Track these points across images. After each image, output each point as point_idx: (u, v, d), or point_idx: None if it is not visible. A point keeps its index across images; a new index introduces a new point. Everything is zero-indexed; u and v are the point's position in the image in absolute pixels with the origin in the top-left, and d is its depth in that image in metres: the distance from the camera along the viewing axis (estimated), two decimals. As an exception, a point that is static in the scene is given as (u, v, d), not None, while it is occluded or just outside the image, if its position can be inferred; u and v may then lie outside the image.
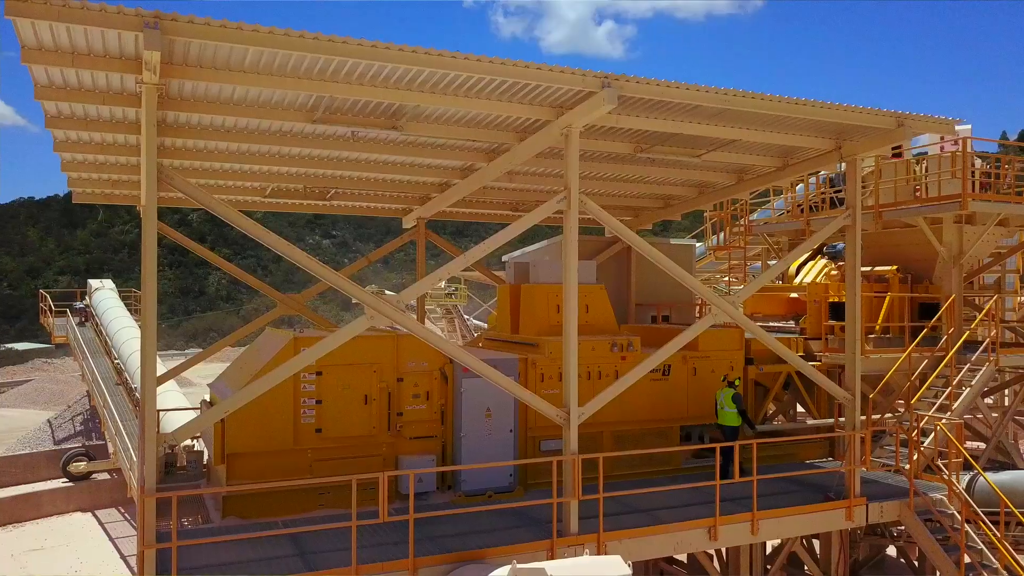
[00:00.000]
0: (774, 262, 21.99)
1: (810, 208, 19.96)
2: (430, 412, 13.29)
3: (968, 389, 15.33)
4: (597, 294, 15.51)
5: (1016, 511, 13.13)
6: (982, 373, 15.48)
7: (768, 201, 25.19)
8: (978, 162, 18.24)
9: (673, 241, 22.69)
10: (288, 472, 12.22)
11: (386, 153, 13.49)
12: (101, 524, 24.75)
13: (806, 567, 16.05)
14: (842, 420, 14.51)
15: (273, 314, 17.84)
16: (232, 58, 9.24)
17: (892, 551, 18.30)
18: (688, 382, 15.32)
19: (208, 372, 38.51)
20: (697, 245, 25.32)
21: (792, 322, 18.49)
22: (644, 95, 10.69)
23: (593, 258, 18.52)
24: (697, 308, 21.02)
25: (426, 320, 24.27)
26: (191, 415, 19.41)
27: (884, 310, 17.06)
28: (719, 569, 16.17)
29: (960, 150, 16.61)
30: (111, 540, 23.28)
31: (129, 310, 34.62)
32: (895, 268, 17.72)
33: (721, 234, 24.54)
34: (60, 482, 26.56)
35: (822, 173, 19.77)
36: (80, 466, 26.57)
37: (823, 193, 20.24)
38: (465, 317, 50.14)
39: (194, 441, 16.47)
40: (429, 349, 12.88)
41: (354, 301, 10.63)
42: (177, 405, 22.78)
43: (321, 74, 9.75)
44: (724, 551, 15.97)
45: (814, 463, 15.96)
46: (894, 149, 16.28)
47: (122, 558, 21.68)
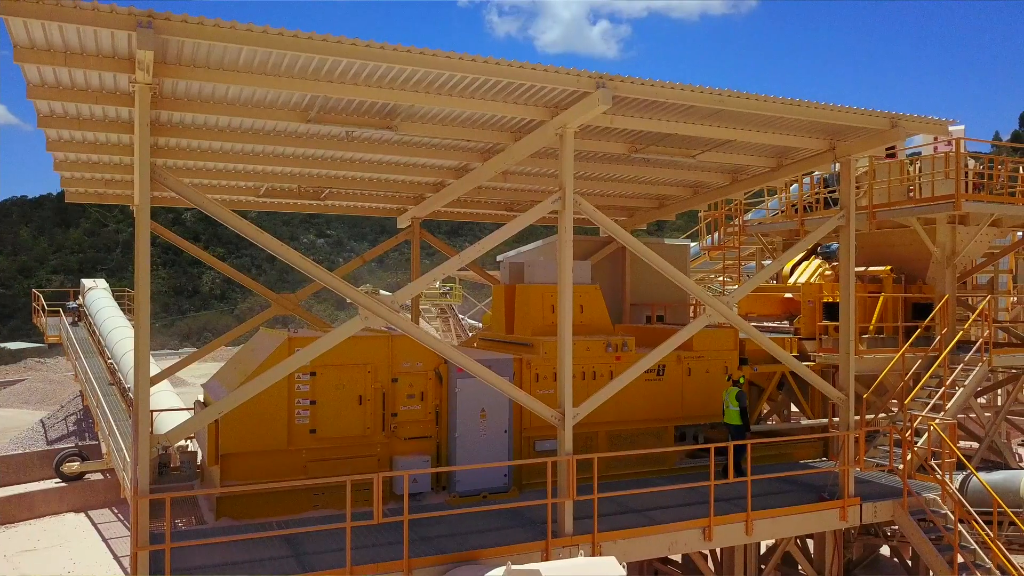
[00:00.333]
0: (768, 262, 22.02)
1: (804, 208, 19.98)
2: (425, 412, 13.27)
3: (961, 389, 15.37)
4: (592, 294, 15.50)
5: (1009, 511, 13.17)
6: (975, 373, 15.52)
7: (762, 201, 25.20)
8: (971, 163, 18.29)
9: (667, 241, 22.71)
10: (282, 473, 12.19)
11: (380, 153, 13.47)
12: (94, 525, 24.64)
13: (800, 567, 16.07)
14: (836, 420, 14.55)
15: (267, 314, 17.79)
16: (226, 58, 9.21)
17: (886, 551, 18.34)
18: (683, 382, 15.33)
19: (202, 372, 38.53)
20: (691, 245, 25.36)
21: (786, 322, 18.52)
22: (639, 95, 10.68)
23: (588, 258, 18.53)
24: (691, 308, 21.04)
25: (421, 320, 24.27)
26: (185, 415, 19.33)
27: (878, 310, 17.10)
28: (713, 569, 16.21)
29: (953, 151, 16.66)
30: (104, 541, 23.17)
31: (122, 309, 34.47)
32: (889, 268, 17.75)
33: (715, 234, 24.54)
34: (53, 482, 26.43)
35: (816, 173, 19.80)
36: (73, 466, 26.44)
37: (817, 193, 20.27)
38: (460, 317, 50.11)
39: (188, 441, 16.40)
40: (424, 349, 12.86)
41: (348, 301, 10.60)
42: (171, 405, 22.67)
43: (315, 74, 9.73)
44: (718, 551, 16.02)
45: (808, 463, 15.99)
46: (888, 150, 16.32)
47: (115, 559, 21.58)
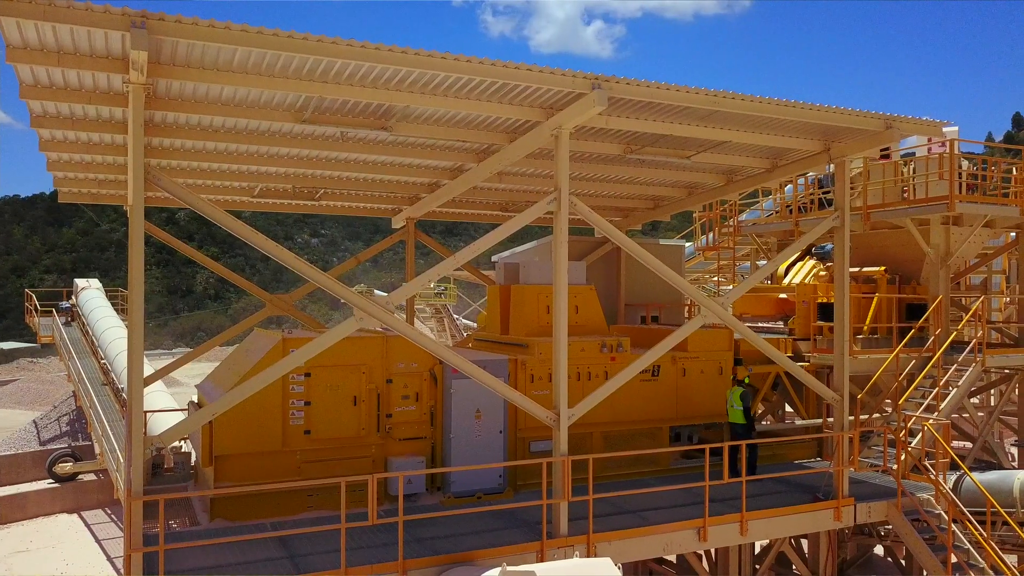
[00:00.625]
0: (763, 262, 22.07)
1: (799, 209, 20.03)
2: (419, 413, 13.25)
3: (955, 389, 15.41)
4: (587, 295, 15.50)
5: (1002, 511, 13.22)
6: (969, 373, 15.57)
7: (757, 202, 25.26)
8: (965, 163, 18.35)
9: (662, 242, 22.72)
10: (276, 474, 12.16)
11: (375, 153, 13.44)
12: (87, 525, 24.57)
13: (794, 567, 16.11)
14: (830, 420, 14.58)
15: (261, 314, 17.74)
16: (220, 58, 9.17)
17: (879, 550, 18.39)
18: (677, 383, 15.34)
19: (196, 372, 38.43)
20: (686, 245, 25.38)
21: (781, 323, 18.55)
22: (634, 96, 10.68)
23: (583, 259, 18.54)
24: (686, 309, 21.06)
25: (415, 320, 24.24)
26: (179, 416, 19.29)
27: (872, 311, 17.14)
28: (708, 569, 16.22)
29: (947, 152, 16.71)
30: (97, 542, 23.11)
31: (116, 309, 34.36)
32: (883, 269, 17.80)
33: (710, 234, 24.59)
34: (46, 483, 26.35)
35: (810, 174, 19.85)
36: (66, 467, 26.36)
37: (811, 194, 20.32)
38: (455, 317, 50.04)
39: (182, 442, 16.37)
40: (418, 350, 12.84)
41: (343, 301, 10.58)
42: (164, 406, 22.62)
43: (310, 74, 9.70)
44: (713, 551, 16.02)
45: (803, 463, 16.01)
46: (882, 151, 16.35)
47: (108, 560, 21.52)
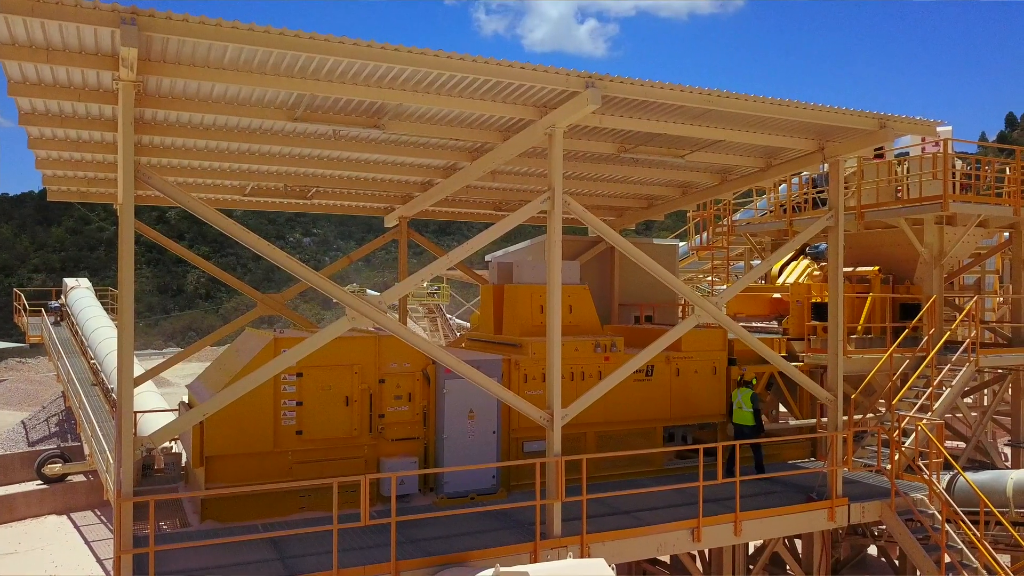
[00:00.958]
0: (757, 262, 22.07)
1: (793, 208, 20.02)
2: (412, 414, 13.17)
3: (949, 389, 15.41)
4: (580, 294, 15.45)
5: (995, 511, 13.22)
6: (962, 373, 15.57)
7: (751, 201, 25.26)
8: (958, 163, 18.37)
9: (656, 241, 22.70)
10: (268, 475, 12.07)
11: (368, 152, 13.37)
12: (76, 527, 24.43)
13: (788, 567, 16.10)
14: (824, 420, 14.57)
15: (253, 314, 17.63)
16: (211, 55, 9.08)
17: (873, 551, 18.41)
18: (671, 383, 15.30)
19: (187, 372, 38.23)
20: (680, 245, 25.37)
21: (775, 322, 18.54)
22: (628, 95, 10.63)
23: (576, 258, 18.49)
24: (680, 308, 21.04)
25: (408, 320, 24.16)
26: (169, 417, 19.14)
27: (866, 311, 17.13)
28: (702, 569, 16.20)
29: (941, 151, 16.72)
30: (87, 543, 22.97)
31: (106, 309, 34.19)
32: (877, 269, 17.80)
33: (704, 234, 24.58)
34: (35, 484, 26.20)
35: (804, 174, 19.84)
36: (55, 468, 26.21)
37: (805, 194, 20.32)
38: (448, 316, 49.98)
39: (172, 443, 16.25)
40: (411, 350, 12.77)
41: (335, 300, 10.50)
42: (155, 406, 22.49)
43: (302, 72, 9.62)
44: (707, 551, 16.01)
45: (796, 463, 16.00)
46: (876, 150, 16.37)
47: (98, 561, 21.40)
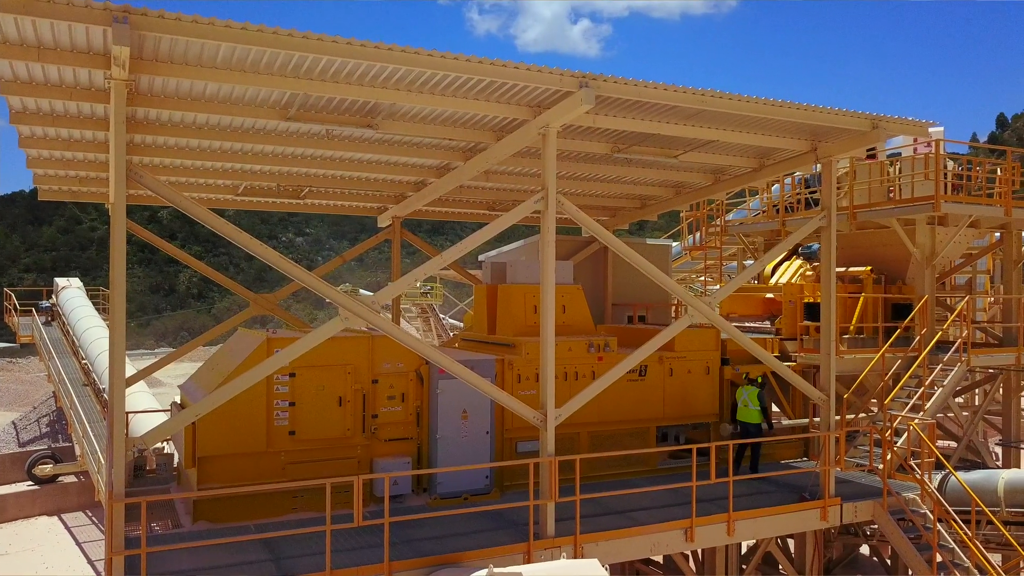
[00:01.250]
0: (750, 262, 22.12)
1: (785, 209, 20.07)
2: (405, 414, 13.14)
3: (940, 389, 15.48)
4: (574, 294, 15.45)
5: (987, 510, 13.29)
6: (954, 373, 15.64)
7: (744, 201, 25.32)
8: (950, 164, 18.45)
9: (649, 241, 22.72)
10: (261, 475, 12.03)
11: (361, 151, 13.34)
12: (67, 528, 24.30)
13: (780, 567, 16.14)
14: (817, 420, 14.61)
15: (245, 314, 17.58)
16: (204, 54, 9.05)
17: (865, 550, 18.47)
18: (664, 383, 15.31)
19: (179, 372, 38.06)
20: (673, 245, 25.40)
21: (768, 322, 18.58)
22: (621, 95, 10.63)
23: (570, 258, 18.48)
24: (673, 308, 21.06)
25: (401, 319, 24.10)
26: (161, 417, 19.06)
27: (858, 311, 17.18)
28: (695, 569, 16.23)
29: (933, 151, 16.78)
30: (78, 544, 22.85)
31: (97, 309, 34.03)
32: (869, 269, 17.86)
33: (697, 234, 24.62)
34: (25, 485, 26.05)
35: (797, 174, 19.90)
36: (46, 469, 26.06)
37: (798, 194, 20.37)
38: (441, 316, 49.91)
39: (164, 443, 16.18)
40: (405, 350, 12.74)
41: (328, 300, 10.47)
42: (147, 406, 22.38)
43: (295, 71, 9.59)
44: (700, 551, 16.03)
45: (789, 463, 16.04)
46: (868, 150, 16.40)
47: (89, 563, 21.28)
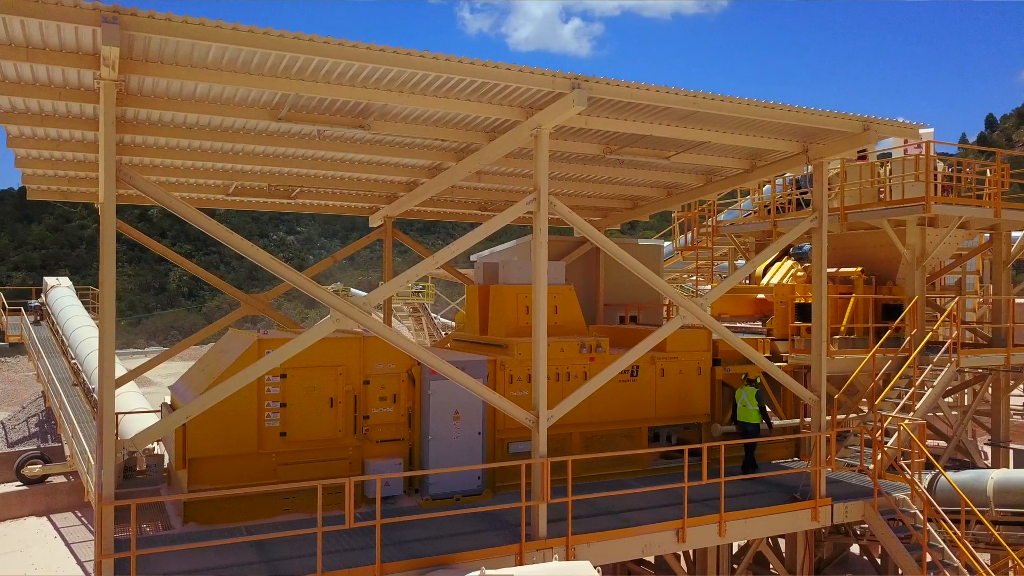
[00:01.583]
0: (741, 262, 22.17)
1: (776, 209, 20.12)
2: (397, 415, 13.12)
3: (930, 390, 15.54)
4: (566, 295, 15.45)
5: (976, 510, 13.36)
6: (944, 374, 15.70)
7: (735, 202, 25.37)
8: (940, 165, 18.53)
9: (641, 242, 22.75)
10: (252, 476, 11.98)
11: (353, 152, 13.30)
12: (57, 529, 24.20)
13: (771, 566, 16.18)
14: (808, 421, 14.65)
15: (236, 314, 17.50)
16: (195, 54, 9.00)
17: (855, 549, 18.54)
18: (656, 383, 15.33)
19: (169, 371, 37.87)
20: (665, 245, 25.44)
21: (759, 323, 18.63)
22: (614, 96, 10.63)
23: (562, 259, 18.48)
24: (665, 308, 21.09)
25: (393, 319, 24.05)
26: (151, 418, 18.98)
27: (849, 311, 17.25)
28: (686, 568, 16.26)
29: (923, 152, 16.85)
30: (67, 545, 22.76)
31: (87, 308, 33.84)
32: (860, 269, 17.92)
33: (688, 234, 24.65)
34: (14, 485, 25.93)
35: (787, 175, 19.95)
36: (35, 469, 25.95)
37: (789, 195, 20.43)
38: (432, 315, 49.87)
39: (154, 444, 16.09)
40: (396, 351, 12.70)
41: (319, 300, 10.43)
42: (137, 406, 22.29)
43: (286, 72, 9.55)
44: (691, 551, 16.06)
45: (780, 463, 16.08)
46: (859, 151, 16.46)
47: (79, 564, 21.18)
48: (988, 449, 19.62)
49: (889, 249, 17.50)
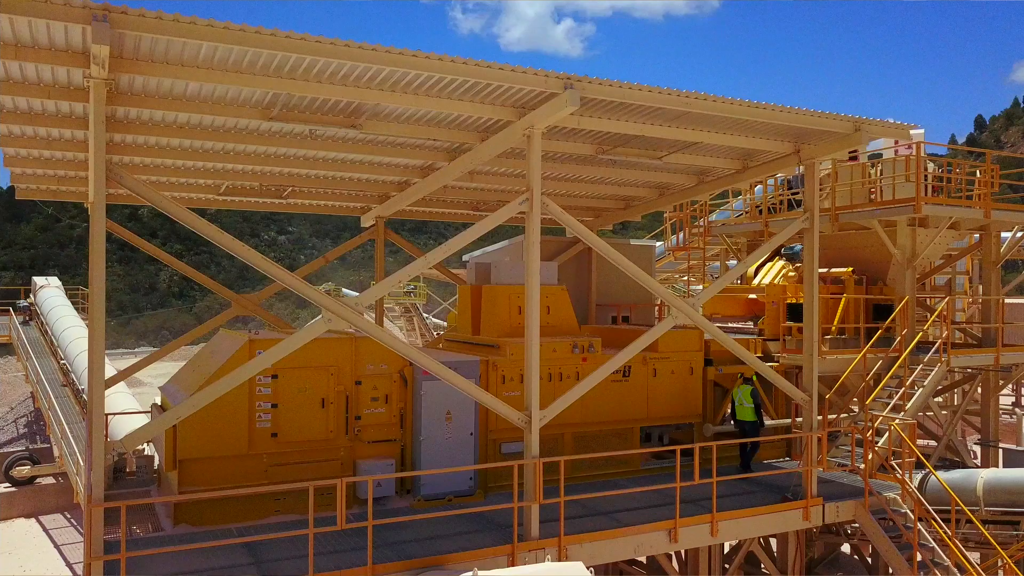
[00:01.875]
0: (733, 262, 22.22)
1: (768, 210, 20.17)
2: (389, 415, 13.08)
3: (921, 389, 15.60)
4: (558, 295, 15.45)
5: (966, 509, 13.42)
6: (934, 373, 15.76)
7: (727, 202, 25.43)
8: (930, 166, 18.61)
9: (633, 242, 22.76)
10: (243, 478, 11.93)
11: (345, 151, 13.24)
12: (45, 530, 24.02)
13: (763, 566, 16.22)
14: (799, 420, 14.69)
15: (227, 315, 17.42)
16: (185, 53, 8.94)
17: (846, 548, 18.59)
18: (648, 383, 15.35)
19: (159, 371, 37.73)
20: (657, 245, 25.47)
21: (750, 323, 18.67)
22: (606, 97, 10.63)
23: (554, 258, 18.47)
24: (657, 309, 21.11)
25: (384, 319, 24.02)
26: (141, 418, 18.86)
27: (840, 311, 17.30)
28: (678, 568, 16.28)
29: (913, 153, 16.92)
30: (56, 547, 22.59)
31: (76, 308, 33.64)
32: (850, 270, 17.98)
33: (680, 234, 24.69)
34: (2, 487, 25.70)
35: (779, 175, 20.00)
36: (23, 470, 25.75)
37: (781, 195, 20.49)
38: (424, 315, 49.80)
39: (144, 445, 16.01)
40: (388, 351, 12.67)
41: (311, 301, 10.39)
42: (127, 407, 22.15)
43: (278, 71, 9.50)
44: (683, 551, 16.07)
45: (772, 463, 16.12)
46: (850, 152, 16.52)
47: (68, 565, 21.04)
48: (977, 448, 19.72)
49: (880, 249, 17.57)
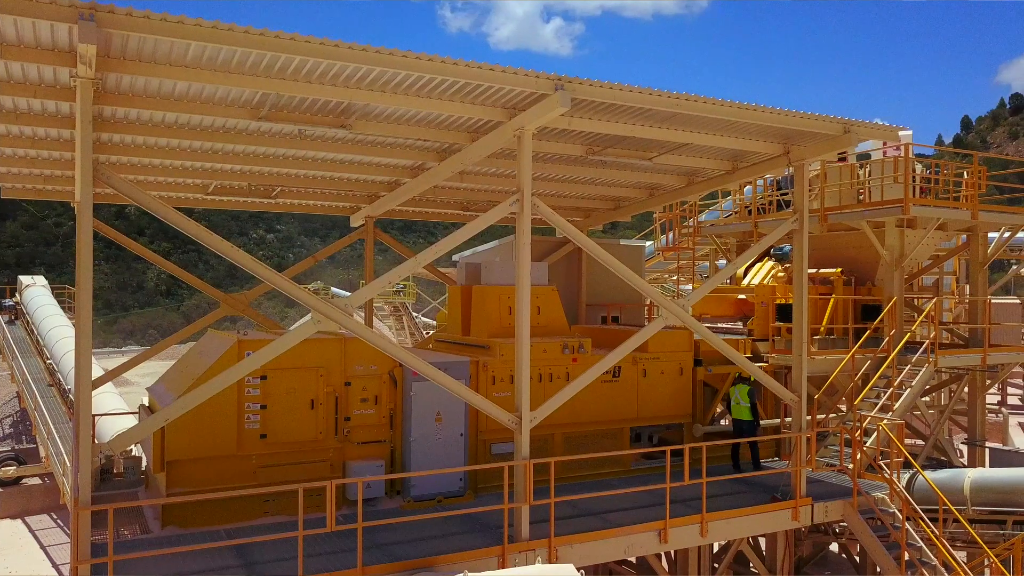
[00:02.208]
0: (722, 262, 22.27)
1: (757, 210, 20.23)
2: (379, 416, 13.04)
3: (909, 389, 15.68)
4: (549, 296, 15.44)
5: (953, 508, 13.50)
6: (922, 374, 15.84)
7: (716, 203, 25.49)
8: (919, 167, 18.70)
9: (623, 242, 22.78)
10: (231, 479, 11.86)
11: (334, 151, 13.18)
12: (32, 531, 23.86)
13: (752, 565, 16.28)
14: (788, 421, 14.74)
15: (216, 314, 17.32)
16: (173, 53, 8.87)
17: (835, 547, 18.69)
18: (638, 384, 15.36)
19: (147, 371, 37.48)
20: (646, 245, 25.51)
21: (740, 323, 18.72)
22: (596, 98, 10.62)
23: (544, 259, 18.47)
24: (646, 309, 21.15)
25: (374, 319, 23.95)
26: (129, 419, 18.74)
27: (828, 312, 17.37)
28: (667, 568, 16.31)
29: (902, 154, 17.00)
30: (42, 548, 22.44)
31: (63, 307, 33.42)
32: (839, 270, 18.05)
33: (670, 234, 24.74)
34: (-12, 487, 25.53)
35: (768, 176, 20.07)
36: (9, 471, 25.59)
37: (770, 196, 20.55)
38: (414, 315, 49.70)
39: (132, 446, 15.90)
40: (378, 352, 12.61)
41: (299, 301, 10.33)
42: (114, 407, 22.02)
43: (267, 71, 9.44)
44: (673, 551, 16.11)
45: (761, 463, 16.13)
46: (839, 153, 16.58)
47: (54, 567, 20.90)
48: (964, 448, 19.85)
49: (868, 250, 17.65)
